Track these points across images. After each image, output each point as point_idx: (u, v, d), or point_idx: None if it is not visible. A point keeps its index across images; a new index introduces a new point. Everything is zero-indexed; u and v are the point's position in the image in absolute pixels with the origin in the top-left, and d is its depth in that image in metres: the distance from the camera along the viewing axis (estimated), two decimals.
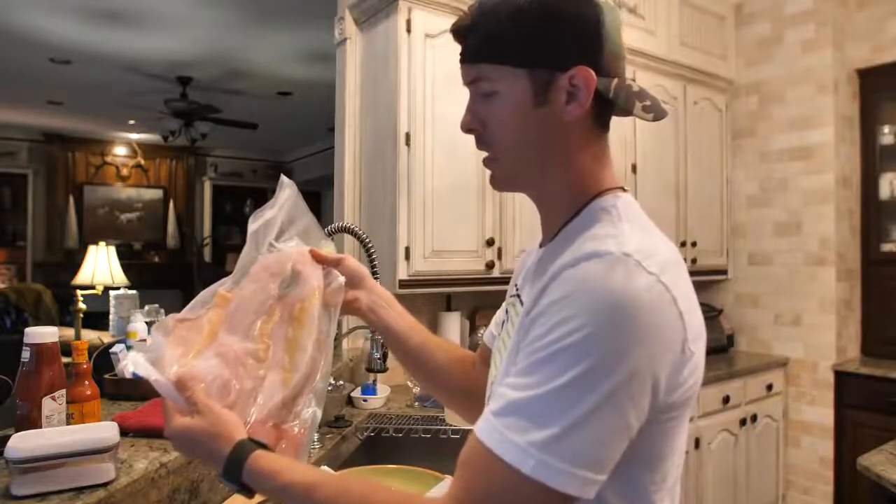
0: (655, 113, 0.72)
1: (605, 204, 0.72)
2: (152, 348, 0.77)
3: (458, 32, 0.75)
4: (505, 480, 0.59)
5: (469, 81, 0.75)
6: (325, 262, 0.90)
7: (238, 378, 0.78)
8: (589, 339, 0.59)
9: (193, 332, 0.81)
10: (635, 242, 0.65)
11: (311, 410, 0.81)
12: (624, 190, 0.76)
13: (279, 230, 0.90)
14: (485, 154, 0.78)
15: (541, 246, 0.81)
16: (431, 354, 0.98)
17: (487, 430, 0.61)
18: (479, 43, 0.72)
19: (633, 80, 0.74)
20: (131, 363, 0.74)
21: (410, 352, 0.98)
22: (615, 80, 0.71)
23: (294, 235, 0.91)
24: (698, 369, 0.67)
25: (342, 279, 0.91)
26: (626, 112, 0.73)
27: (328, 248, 0.93)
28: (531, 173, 0.75)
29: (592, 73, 0.69)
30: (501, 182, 0.79)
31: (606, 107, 0.73)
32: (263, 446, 0.72)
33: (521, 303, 0.77)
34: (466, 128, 0.76)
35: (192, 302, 0.84)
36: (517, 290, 0.84)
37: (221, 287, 0.85)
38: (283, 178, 0.97)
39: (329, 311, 0.87)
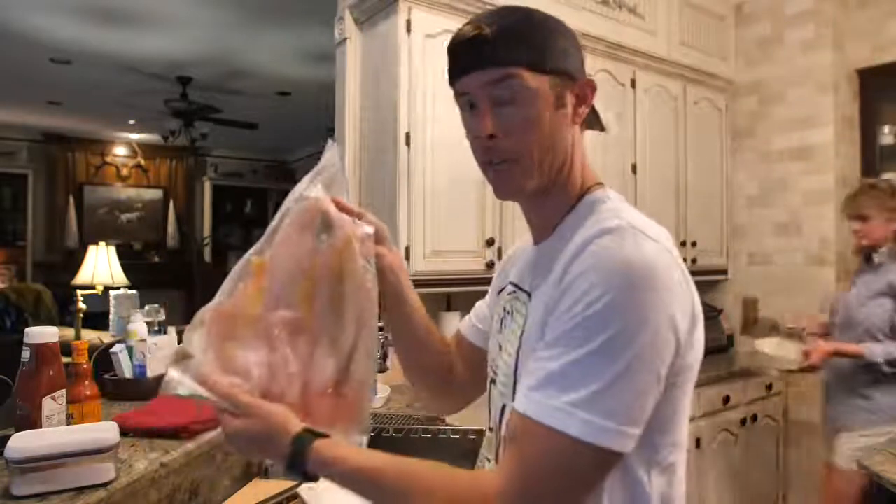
0: (590, 124, 0.86)
1: (598, 196, 0.80)
2: (192, 364, 0.76)
3: (475, 41, 0.75)
4: (553, 446, 0.63)
5: (486, 84, 0.76)
6: (349, 213, 0.88)
7: (286, 361, 0.77)
8: (612, 304, 0.64)
9: (232, 321, 0.78)
10: (635, 218, 0.73)
11: (362, 369, 0.80)
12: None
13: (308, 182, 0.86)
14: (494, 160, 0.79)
15: (535, 243, 0.86)
16: (427, 331, 1.01)
17: (528, 403, 0.65)
18: (507, 47, 0.74)
19: (634, 79, 0.81)
20: (177, 386, 0.73)
21: (413, 323, 0.99)
22: (583, 81, 0.81)
23: (319, 183, 0.87)
24: (702, 336, 0.75)
25: (369, 229, 0.88)
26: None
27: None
28: (546, 174, 0.79)
29: (594, 82, 0.81)
30: (510, 188, 0.82)
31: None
32: (319, 434, 0.74)
33: (522, 290, 0.82)
34: (489, 133, 0.77)
35: (226, 281, 0.81)
36: (516, 285, 0.86)
37: (254, 254, 0.81)
38: (330, 141, 0.99)
39: (366, 260, 0.84)
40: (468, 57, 0.76)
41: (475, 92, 0.77)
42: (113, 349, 1.56)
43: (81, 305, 4.12)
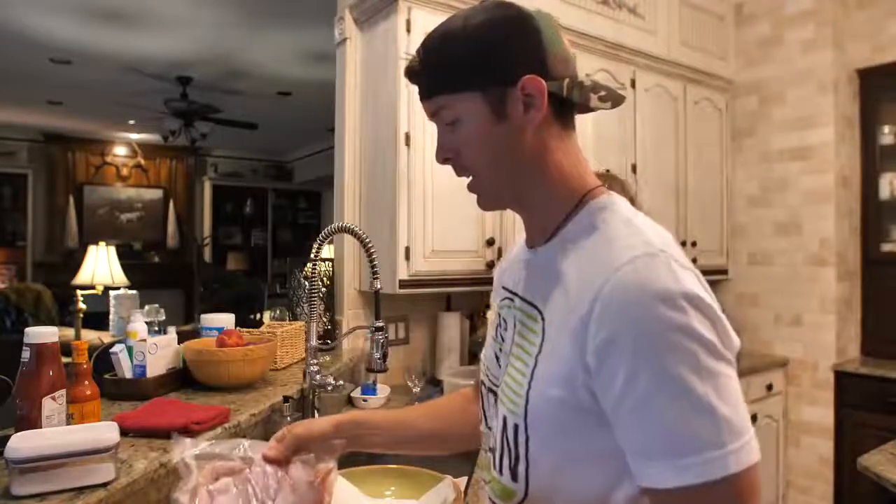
0: (612, 101, 0.75)
1: (602, 203, 0.75)
2: None
3: (412, 74, 0.78)
4: (724, 494, 0.60)
5: (431, 115, 0.79)
6: (279, 461, 0.86)
7: None
8: (666, 349, 0.61)
9: None
10: (656, 238, 0.69)
11: None
12: (604, 185, 0.80)
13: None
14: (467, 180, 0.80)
15: (530, 246, 0.82)
16: (432, 424, 1.01)
17: (665, 475, 0.61)
18: (430, 77, 0.76)
19: (634, 79, 0.76)
20: None
21: (413, 440, 1.00)
22: (566, 80, 0.74)
23: (238, 457, 0.86)
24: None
25: (330, 462, 0.89)
26: (585, 107, 0.77)
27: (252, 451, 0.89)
28: (513, 186, 0.78)
29: (540, 79, 0.72)
30: (487, 201, 0.81)
31: (566, 108, 0.77)
32: None
33: (533, 306, 0.77)
34: (441, 159, 0.80)
35: None
36: (512, 292, 0.83)
37: None
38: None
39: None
40: (417, 88, 0.79)
41: (430, 119, 0.80)
42: (113, 349, 1.56)
43: (81, 305, 4.13)
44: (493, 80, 0.73)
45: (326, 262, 2.56)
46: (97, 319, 4.74)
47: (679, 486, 0.60)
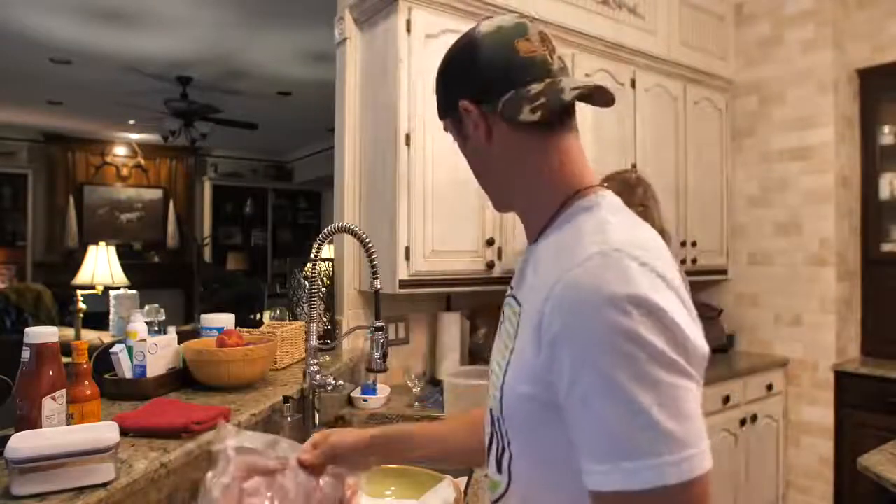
0: (542, 111, 0.75)
1: (586, 203, 0.76)
2: None
3: None
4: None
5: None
6: (313, 467, 0.91)
7: None
8: (608, 351, 0.61)
9: None
10: (619, 237, 0.68)
11: None
12: (604, 185, 0.81)
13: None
14: None
15: (529, 244, 0.85)
16: (462, 439, 1.00)
17: (600, 479, 0.61)
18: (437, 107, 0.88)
19: (634, 79, 0.76)
20: None
21: (456, 454, 1.01)
22: (508, 95, 0.77)
23: (275, 457, 0.89)
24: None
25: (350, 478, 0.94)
26: (515, 120, 0.77)
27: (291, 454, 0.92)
28: (500, 192, 0.86)
29: (467, 102, 0.80)
30: (494, 205, 0.90)
31: (556, 114, 0.78)
32: None
33: (518, 303, 0.79)
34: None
35: None
36: (512, 290, 0.86)
37: None
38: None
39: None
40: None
41: None
42: (113, 349, 1.55)
43: (81, 305, 4.13)
44: (449, 107, 0.83)
45: (326, 262, 2.56)
46: (97, 319, 4.74)
47: (617, 490, 0.60)
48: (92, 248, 4.62)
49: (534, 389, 0.69)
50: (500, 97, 0.77)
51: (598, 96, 0.79)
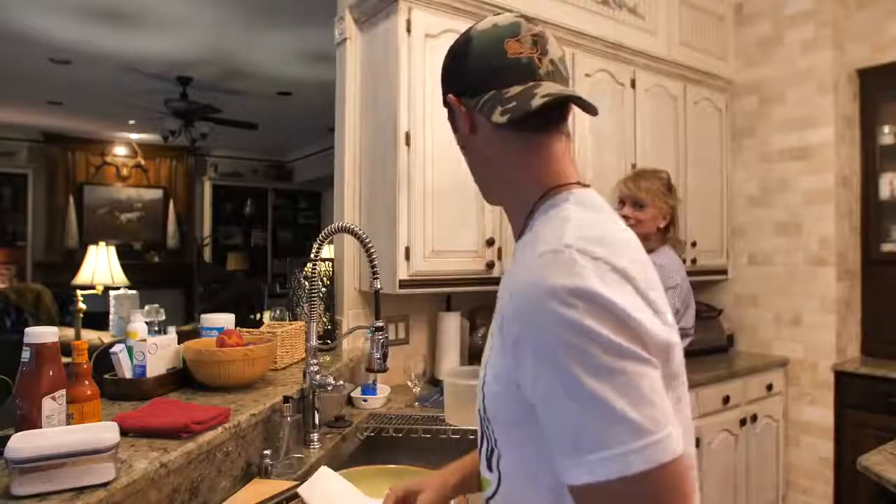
0: (511, 114, 0.76)
1: (554, 202, 0.79)
2: None
3: None
4: (626, 494, 0.60)
5: None
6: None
7: None
8: (560, 349, 0.62)
9: None
10: (574, 233, 0.69)
11: None
12: (584, 185, 0.82)
13: None
14: None
15: None
16: None
17: (572, 473, 0.62)
18: None
19: (634, 79, 0.77)
20: None
21: None
22: (487, 95, 0.79)
23: None
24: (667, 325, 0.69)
25: None
26: (489, 120, 0.79)
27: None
28: (490, 188, 0.88)
29: (451, 97, 0.84)
30: (485, 197, 0.92)
31: (542, 116, 0.78)
32: None
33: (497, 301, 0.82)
34: None
35: None
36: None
37: None
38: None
39: None
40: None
41: None
42: (113, 349, 1.55)
43: (81, 305, 4.13)
44: (444, 100, 0.87)
45: (326, 262, 2.56)
46: (97, 319, 4.75)
47: (586, 483, 0.61)
48: (92, 248, 4.62)
49: (506, 389, 0.70)
50: (482, 95, 0.79)
51: (582, 103, 0.80)
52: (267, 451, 1.47)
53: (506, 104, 0.77)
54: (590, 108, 0.79)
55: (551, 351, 0.62)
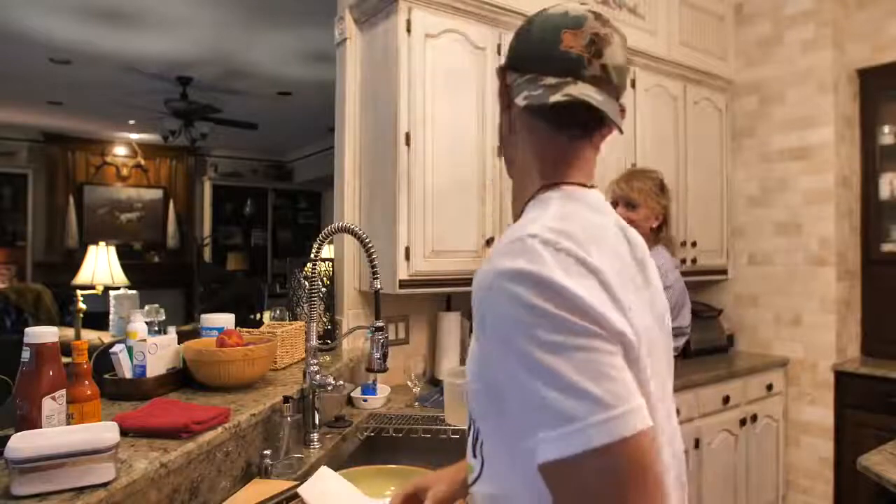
0: (529, 101, 0.77)
1: (543, 196, 0.80)
2: None
3: None
4: (590, 469, 0.60)
5: None
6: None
7: None
8: (510, 328, 0.64)
9: None
10: (541, 224, 0.70)
11: None
12: (588, 186, 0.82)
13: None
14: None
15: None
16: None
17: (537, 450, 0.62)
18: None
19: (634, 79, 0.77)
20: None
21: None
22: (527, 76, 0.79)
23: None
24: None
25: None
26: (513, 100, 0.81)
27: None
28: (511, 166, 0.89)
29: (502, 68, 0.85)
30: (508, 173, 0.92)
31: (566, 115, 0.78)
32: None
33: None
34: None
35: None
36: None
37: None
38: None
39: None
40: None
41: None
42: (113, 349, 1.55)
43: (81, 305, 4.13)
44: (503, 69, 0.86)
45: (326, 262, 2.56)
46: (97, 319, 4.75)
47: (547, 460, 0.61)
48: (92, 248, 4.62)
49: (480, 373, 0.72)
50: (523, 75, 0.80)
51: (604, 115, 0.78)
52: (267, 451, 1.47)
53: (532, 91, 0.77)
54: (614, 123, 0.79)
55: (504, 329, 0.64)
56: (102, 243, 4.72)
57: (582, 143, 0.82)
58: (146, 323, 1.63)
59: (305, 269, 2.19)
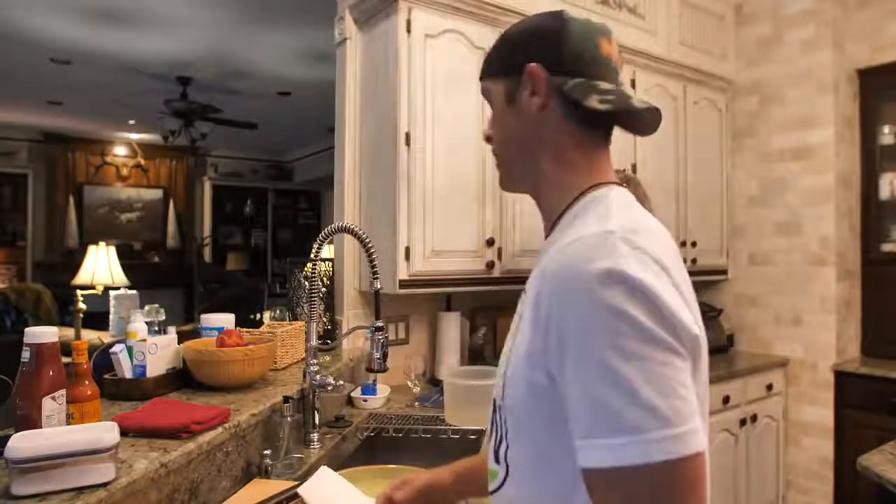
0: (612, 105, 0.76)
1: (597, 195, 0.78)
2: None
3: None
4: (643, 483, 0.59)
5: (485, 98, 0.90)
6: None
7: None
8: (585, 323, 0.62)
9: None
10: (620, 222, 0.69)
11: None
12: (622, 185, 0.82)
13: None
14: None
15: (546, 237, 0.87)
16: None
17: (586, 455, 0.61)
18: (483, 66, 0.89)
19: (634, 79, 0.78)
20: None
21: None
22: (578, 80, 0.78)
23: None
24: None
25: None
26: (580, 106, 0.77)
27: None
28: (522, 169, 0.85)
29: (541, 67, 0.79)
30: (504, 182, 0.90)
31: (594, 113, 0.78)
32: None
33: (525, 291, 0.80)
34: (485, 136, 0.90)
35: None
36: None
37: None
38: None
39: None
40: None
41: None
42: (113, 349, 1.55)
43: (81, 305, 4.13)
44: (511, 67, 0.82)
45: (326, 262, 2.56)
46: (97, 319, 4.74)
47: (596, 466, 0.60)
48: (92, 248, 4.62)
49: (531, 372, 0.68)
50: (572, 78, 0.78)
51: (642, 121, 0.83)
52: (267, 451, 1.47)
53: (604, 94, 0.77)
54: (648, 130, 0.84)
55: (583, 330, 0.62)
56: (102, 243, 4.72)
57: (606, 143, 0.85)
58: (146, 323, 1.63)
59: (305, 269, 2.19)
